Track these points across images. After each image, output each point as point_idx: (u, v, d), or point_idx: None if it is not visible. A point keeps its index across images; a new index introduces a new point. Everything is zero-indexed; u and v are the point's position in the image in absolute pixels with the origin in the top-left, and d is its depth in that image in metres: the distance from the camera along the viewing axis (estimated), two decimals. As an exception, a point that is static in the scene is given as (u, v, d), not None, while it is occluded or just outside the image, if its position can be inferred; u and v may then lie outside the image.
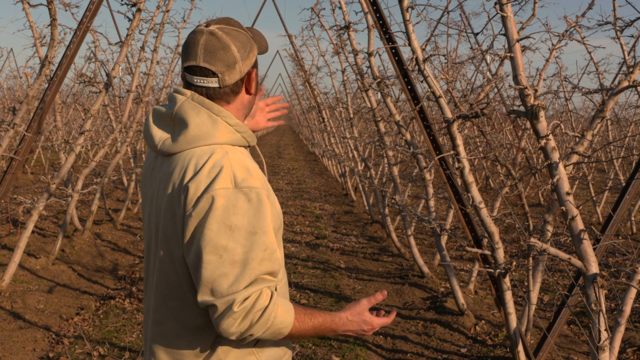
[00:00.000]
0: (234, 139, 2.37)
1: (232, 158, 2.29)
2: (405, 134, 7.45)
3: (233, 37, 2.37)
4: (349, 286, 8.59)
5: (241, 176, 2.25)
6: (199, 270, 2.23)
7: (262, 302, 2.22)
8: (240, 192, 2.23)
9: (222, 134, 2.34)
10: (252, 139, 2.45)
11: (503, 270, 5.21)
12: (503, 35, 3.92)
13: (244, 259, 2.21)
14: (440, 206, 14.51)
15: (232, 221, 2.21)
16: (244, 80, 2.42)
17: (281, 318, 2.26)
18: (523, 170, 12.80)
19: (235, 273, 2.20)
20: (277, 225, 2.40)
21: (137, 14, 7.84)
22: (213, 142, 2.33)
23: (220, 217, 2.21)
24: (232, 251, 2.20)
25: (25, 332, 6.55)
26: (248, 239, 2.22)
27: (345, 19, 8.53)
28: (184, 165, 2.31)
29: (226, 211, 2.21)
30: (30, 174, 19.73)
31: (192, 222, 2.24)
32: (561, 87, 12.63)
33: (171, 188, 2.33)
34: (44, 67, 7.01)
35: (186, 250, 2.28)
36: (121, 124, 9.38)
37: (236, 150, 2.35)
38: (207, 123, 2.34)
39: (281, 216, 2.45)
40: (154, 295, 2.47)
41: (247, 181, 2.25)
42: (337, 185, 20.26)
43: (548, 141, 3.83)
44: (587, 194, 16.94)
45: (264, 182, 2.33)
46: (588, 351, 6.26)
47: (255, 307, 2.21)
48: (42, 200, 7.68)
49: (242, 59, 2.38)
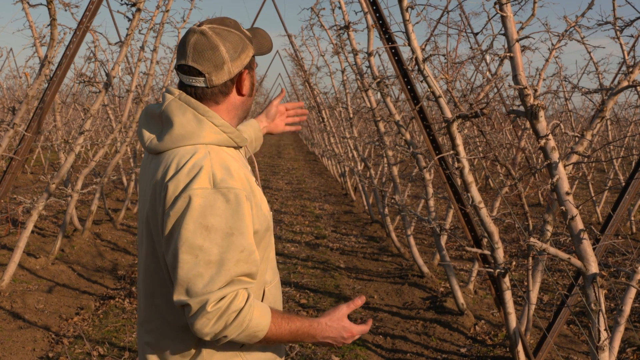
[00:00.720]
0: (219, 139, 2.36)
1: (214, 158, 2.28)
2: (404, 133, 7.45)
3: (223, 37, 2.36)
4: (349, 286, 8.59)
5: (220, 176, 2.24)
6: (175, 269, 2.22)
7: (237, 303, 2.21)
8: (218, 192, 2.22)
9: (207, 134, 2.34)
10: (240, 140, 2.43)
11: (503, 270, 5.21)
12: (503, 35, 3.92)
13: (220, 259, 2.20)
14: (440, 206, 14.51)
15: (208, 221, 2.20)
16: (234, 81, 2.40)
17: (257, 321, 2.24)
18: (523, 170, 12.81)
19: (210, 273, 2.19)
20: (264, 227, 2.38)
21: (136, 14, 7.84)
22: (198, 141, 2.33)
23: (197, 217, 2.20)
24: (208, 251, 2.19)
25: (25, 332, 6.54)
26: (225, 239, 2.21)
27: (345, 18, 8.53)
28: (167, 164, 2.31)
29: (203, 211, 2.20)
30: (30, 173, 19.73)
31: (170, 221, 2.23)
32: (561, 87, 12.63)
33: (154, 186, 2.33)
34: (43, 67, 7.01)
35: (165, 249, 2.27)
36: (121, 123, 9.37)
37: (220, 150, 2.34)
38: (192, 123, 2.34)
39: (268, 219, 2.43)
40: (143, 293, 2.48)
41: (226, 182, 2.23)
42: (336, 185, 20.26)
43: (548, 141, 3.83)
44: (587, 193, 16.94)
45: (245, 183, 2.30)
46: (588, 351, 6.26)
47: (230, 309, 2.19)
48: (42, 200, 7.68)
49: (232, 59, 2.36)
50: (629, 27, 5.31)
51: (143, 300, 2.48)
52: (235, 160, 2.36)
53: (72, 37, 7.05)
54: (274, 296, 2.52)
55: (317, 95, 17.10)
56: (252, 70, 2.45)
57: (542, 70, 6.47)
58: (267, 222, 2.41)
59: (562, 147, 17.77)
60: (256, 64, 2.51)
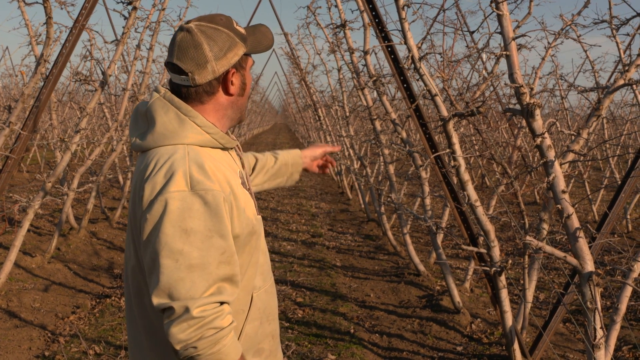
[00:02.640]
0: (202, 140, 2.31)
1: (192, 159, 2.23)
2: (401, 132, 7.45)
3: (208, 35, 2.32)
4: (345, 284, 8.59)
5: (197, 178, 2.19)
6: (154, 274, 2.17)
7: (221, 322, 2.16)
8: (195, 194, 2.18)
9: (189, 134, 2.30)
10: (225, 141, 2.38)
11: (499, 269, 5.22)
12: (499, 33, 3.92)
13: (201, 262, 2.15)
14: (436, 204, 14.51)
15: (187, 224, 2.16)
16: (220, 81, 2.36)
17: (229, 350, 2.19)
18: (519, 168, 12.83)
19: (192, 277, 2.14)
20: (246, 232, 2.34)
21: (133, 12, 7.83)
22: (179, 141, 2.29)
23: (175, 220, 2.16)
24: (188, 255, 2.14)
25: (21, 331, 6.54)
26: (204, 242, 2.17)
27: (341, 17, 8.53)
28: (147, 163, 2.27)
29: (181, 214, 2.16)
30: (26, 172, 19.69)
31: (148, 225, 2.19)
32: (557, 85, 12.65)
33: (135, 186, 2.30)
34: (39, 66, 7.00)
35: (142, 252, 2.23)
36: (117, 122, 9.37)
37: (202, 151, 2.29)
38: (174, 122, 2.30)
39: (253, 223, 2.38)
40: (127, 293, 2.45)
41: (203, 183, 2.19)
42: (333, 183, 20.26)
43: (544, 139, 3.83)
44: (583, 192, 16.96)
45: (225, 185, 2.26)
46: (584, 349, 6.27)
47: (213, 323, 2.15)
48: (38, 198, 7.67)
49: (216, 58, 2.32)
50: (625, 25, 5.32)
51: (127, 300, 2.45)
52: (216, 161, 2.31)
53: (68, 36, 7.04)
54: (263, 302, 2.48)
55: (313, 93, 17.10)
56: (242, 69, 2.39)
57: (539, 68, 6.47)
58: (252, 226, 2.36)
59: (558, 146, 17.79)
60: (252, 62, 2.45)
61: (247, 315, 2.42)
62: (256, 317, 2.46)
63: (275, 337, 2.59)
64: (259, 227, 2.42)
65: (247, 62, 2.42)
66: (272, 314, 2.56)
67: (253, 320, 2.45)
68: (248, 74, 2.43)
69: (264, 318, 2.50)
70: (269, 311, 2.53)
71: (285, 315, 7.22)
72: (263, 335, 2.50)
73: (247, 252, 2.38)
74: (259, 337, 2.49)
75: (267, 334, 2.53)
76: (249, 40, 2.41)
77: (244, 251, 2.36)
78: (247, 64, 2.41)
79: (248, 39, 2.41)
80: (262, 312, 2.47)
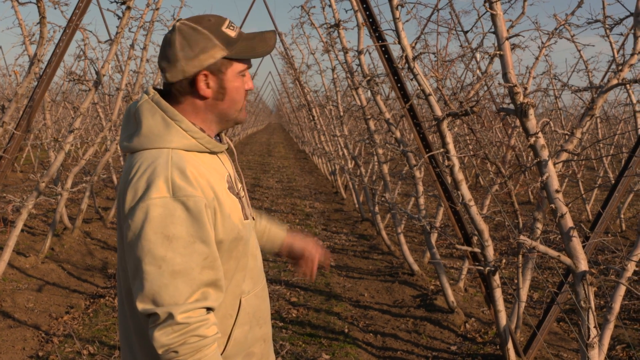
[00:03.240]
0: (188, 144, 2.29)
1: (175, 164, 2.22)
2: (395, 131, 7.46)
3: (184, 35, 2.29)
4: (339, 284, 8.59)
5: (179, 184, 2.18)
6: (138, 279, 2.17)
7: (205, 330, 2.17)
8: (177, 201, 2.17)
9: (174, 138, 2.27)
10: (212, 146, 2.35)
11: (493, 268, 5.23)
12: (493, 33, 3.93)
13: (184, 268, 2.15)
14: (430, 204, 14.52)
15: (169, 231, 2.15)
16: (191, 82, 2.32)
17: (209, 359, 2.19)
18: (513, 168, 12.82)
19: (175, 283, 2.14)
20: (231, 237, 2.32)
21: (126, 12, 7.82)
22: (164, 145, 2.27)
23: (157, 227, 2.15)
24: (171, 261, 2.14)
25: (15, 331, 6.53)
26: (187, 247, 2.16)
27: (335, 17, 8.53)
28: (131, 167, 2.26)
29: (163, 221, 2.15)
30: (20, 172, 19.65)
31: (130, 232, 2.18)
32: (551, 85, 12.66)
33: (120, 189, 2.29)
34: (33, 65, 6.99)
35: (126, 257, 2.22)
36: (111, 122, 9.35)
37: (186, 156, 2.27)
38: (160, 126, 2.28)
39: (239, 229, 2.36)
40: (119, 292, 2.44)
41: (184, 190, 2.18)
42: (327, 183, 20.26)
43: (537, 139, 3.84)
44: (577, 191, 16.98)
45: (208, 191, 2.24)
46: (577, 348, 6.28)
47: (196, 331, 2.15)
48: (32, 198, 7.65)
49: (186, 58, 2.29)
50: (618, 25, 5.34)
51: (119, 301, 2.45)
52: (200, 166, 2.29)
53: (62, 35, 7.03)
54: (253, 306, 2.46)
55: (307, 93, 17.10)
56: (221, 73, 2.33)
57: (532, 68, 6.49)
58: (237, 231, 2.34)
59: (552, 145, 17.81)
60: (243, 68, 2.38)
61: (235, 320, 2.40)
62: (245, 321, 2.43)
63: (267, 340, 2.57)
64: (245, 233, 2.39)
65: (231, 67, 2.35)
66: (263, 318, 2.53)
67: (242, 324, 2.42)
68: (234, 79, 2.36)
69: (254, 322, 2.47)
70: (260, 315, 2.50)
71: (280, 315, 7.22)
72: (253, 340, 2.48)
73: (234, 257, 2.36)
74: (249, 342, 2.46)
75: (258, 338, 2.51)
76: (238, 45, 2.34)
77: (230, 257, 2.34)
78: (229, 68, 2.34)
79: (237, 44, 2.34)
80: (252, 316, 2.45)
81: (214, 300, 2.22)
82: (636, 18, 4.53)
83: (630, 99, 10.06)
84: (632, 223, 12.79)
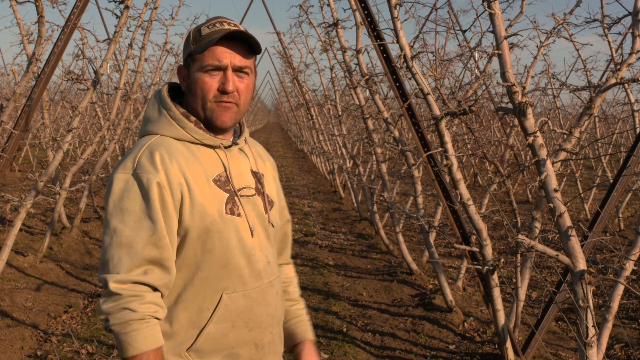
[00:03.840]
0: (177, 133, 2.40)
1: (150, 147, 2.35)
2: (393, 131, 7.46)
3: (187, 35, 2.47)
4: (338, 283, 8.59)
5: (142, 163, 2.31)
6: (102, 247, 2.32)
7: (137, 305, 2.23)
8: (136, 177, 2.29)
9: (163, 126, 2.41)
10: (201, 137, 2.40)
11: (491, 267, 5.23)
12: (491, 32, 3.92)
13: (129, 241, 2.26)
14: (429, 203, 14.53)
15: (124, 204, 2.29)
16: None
17: (137, 336, 2.23)
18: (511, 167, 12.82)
19: (119, 254, 2.25)
20: (202, 226, 2.34)
21: (125, 11, 7.81)
22: (155, 132, 2.41)
23: (116, 200, 2.30)
24: (120, 233, 2.27)
25: (13, 331, 6.52)
26: (137, 222, 2.28)
27: (334, 16, 8.53)
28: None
29: (121, 195, 2.30)
30: (18, 171, 19.65)
31: (104, 203, 2.36)
32: (549, 84, 12.66)
33: None
34: (31, 65, 6.98)
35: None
36: (109, 121, 9.35)
37: (169, 143, 2.37)
38: (155, 114, 2.44)
39: (213, 219, 2.36)
40: None
41: (144, 168, 2.30)
42: (325, 182, 20.26)
43: (536, 138, 3.84)
44: (575, 190, 16.99)
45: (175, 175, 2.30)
46: (576, 347, 6.29)
47: (127, 304, 2.23)
48: (30, 198, 7.65)
49: (183, 53, 2.50)
50: (616, 24, 5.34)
51: None
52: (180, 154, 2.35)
53: (60, 35, 7.02)
54: (239, 306, 2.42)
55: (305, 92, 17.08)
56: (188, 68, 2.43)
57: (531, 67, 6.49)
58: (210, 222, 2.35)
59: (550, 145, 17.82)
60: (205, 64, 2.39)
61: (212, 315, 2.38)
62: (226, 318, 2.40)
63: (260, 346, 2.49)
64: (224, 227, 2.38)
65: (195, 63, 2.41)
66: (255, 321, 2.47)
67: (221, 321, 2.39)
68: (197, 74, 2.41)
69: (239, 322, 2.42)
70: (250, 317, 2.45)
71: (278, 314, 7.22)
72: (238, 341, 2.43)
73: (208, 250, 2.37)
74: (231, 341, 2.41)
75: (246, 341, 2.45)
76: (202, 41, 2.39)
77: (204, 248, 2.36)
78: (194, 64, 2.41)
79: (202, 40, 2.39)
80: (237, 315, 2.41)
81: (156, 279, 2.28)
82: (634, 17, 4.53)
83: (628, 98, 10.08)
84: (631, 222, 12.80)
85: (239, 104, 2.43)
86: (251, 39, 2.41)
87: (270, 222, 2.54)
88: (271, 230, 2.55)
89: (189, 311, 2.37)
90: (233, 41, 2.39)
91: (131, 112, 14.11)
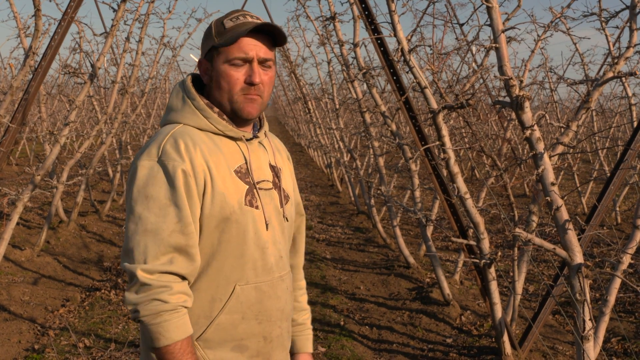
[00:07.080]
0: (200, 123, 2.40)
1: (174, 135, 2.35)
2: (390, 124, 7.45)
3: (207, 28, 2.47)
4: (335, 277, 8.60)
5: (167, 150, 2.31)
6: (125, 235, 2.31)
7: (167, 296, 2.24)
8: (161, 164, 2.30)
9: (186, 115, 2.41)
10: (224, 128, 2.42)
11: (488, 261, 5.23)
12: (488, 26, 3.92)
13: (155, 228, 2.26)
14: (426, 197, 14.52)
15: (148, 191, 2.28)
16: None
17: (169, 326, 2.25)
18: (508, 160, 12.84)
19: (145, 242, 2.25)
20: (222, 215, 2.36)
21: (122, 5, 7.79)
22: (178, 121, 2.42)
23: (141, 186, 2.29)
24: (146, 220, 2.26)
25: (11, 324, 6.52)
26: (162, 209, 2.27)
27: (331, 9, 8.52)
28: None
29: (145, 181, 2.29)
30: (15, 165, 19.64)
31: (126, 189, 2.35)
32: (546, 78, 12.66)
33: None
34: (28, 58, 6.97)
35: None
36: (106, 115, 9.33)
37: (193, 132, 2.38)
38: (179, 103, 2.44)
39: (233, 210, 2.37)
40: None
41: (169, 155, 2.30)
42: (323, 176, 20.26)
43: (533, 132, 3.84)
44: (572, 184, 17.00)
45: (199, 163, 2.31)
46: (573, 341, 6.30)
47: (158, 295, 2.23)
48: (27, 191, 7.64)
49: (201, 48, 2.50)
50: (614, 18, 5.34)
51: None
52: (203, 143, 2.36)
53: (57, 28, 7.01)
54: (250, 298, 2.43)
55: (303, 86, 17.07)
56: (212, 61, 2.44)
57: (528, 61, 6.49)
58: (230, 211, 2.36)
59: (547, 138, 17.83)
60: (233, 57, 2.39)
61: (224, 305, 2.39)
62: (237, 310, 2.41)
63: (269, 340, 2.50)
64: (243, 218, 2.39)
65: (219, 55, 2.42)
66: (265, 314, 2.48)
67: (232, 312, 2.40)
68: (222, 67, 2.42)
69: (249, 314, 2.43)
70: (260, 309, 2.46)
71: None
72: (247, 333, 2.44)
73: (225, 240, 2.38)
74: (240, 333, 2.42)
75: (255, 333, 2.46)
76: (226, 34, 2.40)
77: (222, 237, 2.38)
78: (218, 56, 2.42)
79: (227, 33, 2.40)
80: (248, 307, 2.42)
81: (182, 267, 2.29)
82: (632, 11, 4.53)
83: (625, 91, 10.07)
84: (628, 216, 12.80)
85: (262, 96, 2.45)
86: (277, 30, 2.42)
87: (284, 217, 2.57)
88: (285, 224, 2.57)
89: (201, 300, 2.38)
90: (258, 34, 2.41)
91: (128, 105, 14.09)
